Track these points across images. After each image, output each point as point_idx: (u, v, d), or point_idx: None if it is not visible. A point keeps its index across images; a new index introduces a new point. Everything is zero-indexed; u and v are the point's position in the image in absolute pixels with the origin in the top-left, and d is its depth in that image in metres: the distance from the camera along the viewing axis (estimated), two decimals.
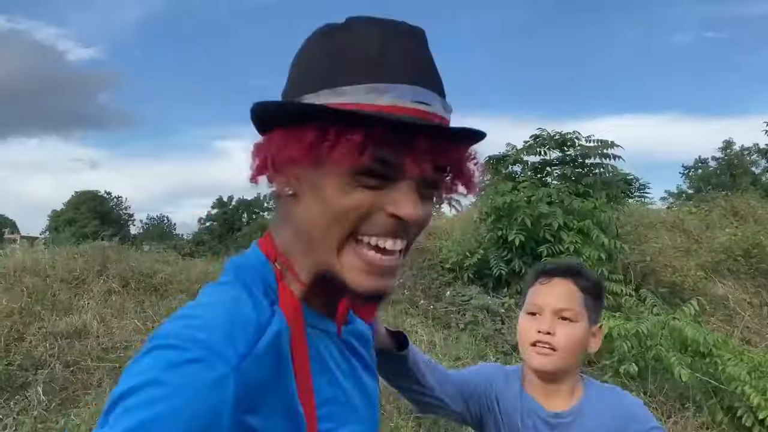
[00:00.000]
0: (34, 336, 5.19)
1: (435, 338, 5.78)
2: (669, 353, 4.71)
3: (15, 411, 4.40)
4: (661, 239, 8.73)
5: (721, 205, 10.31)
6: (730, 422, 5.01)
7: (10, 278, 6.00)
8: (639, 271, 7.24)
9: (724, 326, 7.66)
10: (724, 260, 8.53)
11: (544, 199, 6.63)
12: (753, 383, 4.96)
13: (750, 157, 31.76)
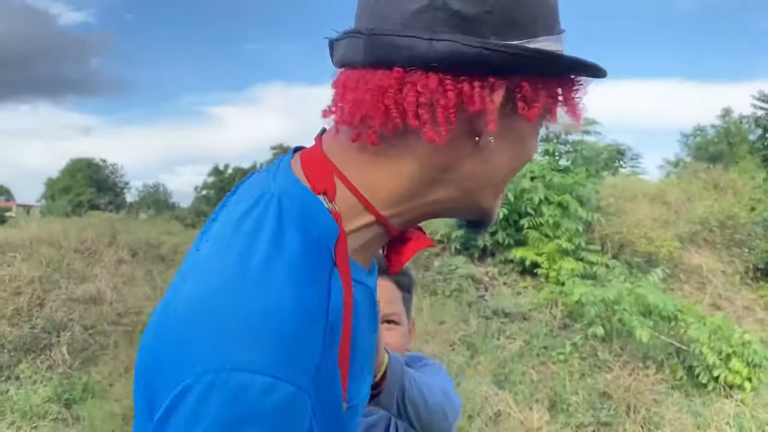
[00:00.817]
0: (53, 302, 5.65)
1: (422, 304, 6.26)
2: (632, 317, 5.19)
3: (42, 369, 4.89)
4: (642, 211, 9.19)
5: (702, 178, 10.75)
6: (688, 379, 5.53)
7: (27, 249, 6.43)
8: (616, 241, 7.72)
9: (697, 293, 8.17)
10: (700, 231, 8.99)
11: (527, 175, 7.05)
12: (711, 345, 5.47)
13: (746, 125, 31.95)
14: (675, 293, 7.90)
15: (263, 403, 0.53)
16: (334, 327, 0.61)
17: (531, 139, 0.72)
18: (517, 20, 0.65)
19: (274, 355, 0.55)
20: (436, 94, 0.63)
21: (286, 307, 0.57)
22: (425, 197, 0.70)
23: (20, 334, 5.21)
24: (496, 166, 0.70)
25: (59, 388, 4.64)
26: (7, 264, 6.16)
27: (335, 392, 0.63)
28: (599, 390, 5.15)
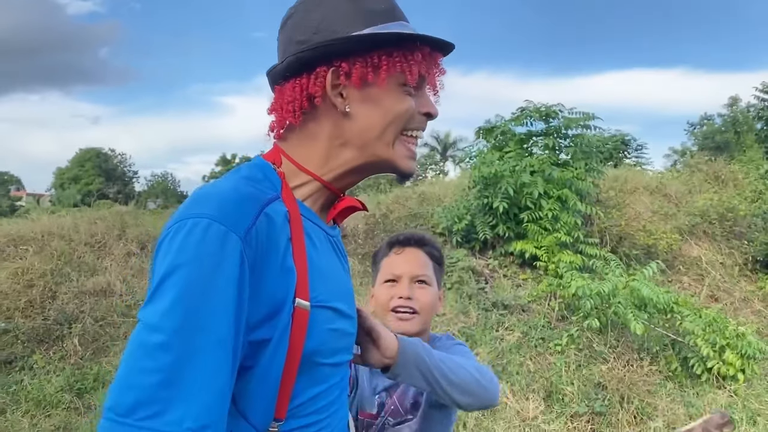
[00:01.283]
0: (65, 294, 5.83)
1: None
2: (627, 310, 5.32)
3: (55, 360, 5.07)
4: (642, 203, 9.28)
5: (703, 170, 10.80)
6: (683, 371, 5.66)
7: (39, 242, 6.61)
8: (615, 234, 7.82)
9: (695, 285, 8.28)
10: (700, 223, 9.08)
11: (527, 169, 7.15)
12: (705, 337, 5.59)
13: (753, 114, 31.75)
14: (674, 285, 8.01)
15: (209, 235, 0.84)
16: (276, 224, 0.91)
17: (386, 99, 1.00)
18: (334, 30, 0.98)
19: (212, 210, 0.86)
20: (291, 93, 1.00)
21: (226, 190, 0.92)
22: (339, 157, 1.02)
23: (33, 326, 5.40)
24: (368, 123, 1.00)
25: (71, 378, 4.82)
26: (19, 257, 6.35)
27: (287, 279, 0.90)
28: (594, 381, 5.29)
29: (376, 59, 0.97)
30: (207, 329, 0.81)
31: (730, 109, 35.01)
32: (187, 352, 0.79)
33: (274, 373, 0.90)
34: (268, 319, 0.89)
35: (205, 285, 0.81)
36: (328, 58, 0.98)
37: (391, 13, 1.01)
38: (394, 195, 9.98)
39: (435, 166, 43.28)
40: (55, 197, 62.68)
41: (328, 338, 0.97)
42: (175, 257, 0.83)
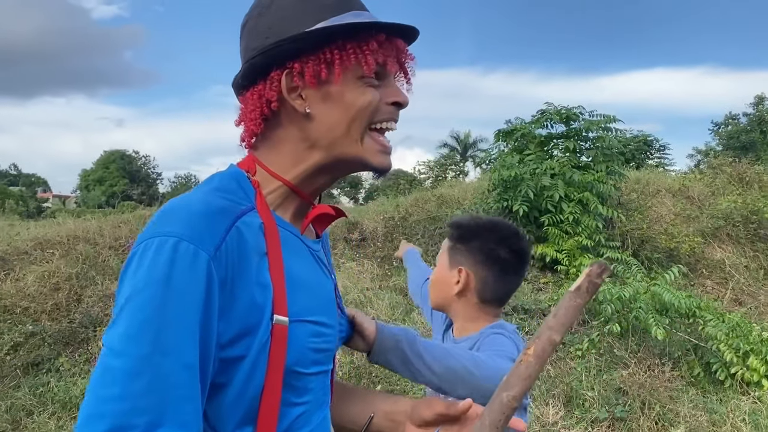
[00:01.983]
0: (90, 298, 5.94)
1: None
2: (648, 315, 5.28)
3: (80, 362, 5.17)
4: (664, 206, 9.19)
5: (727, 172, 10.66)
6: (705, 376, 5.60)
7: (64, 246, 6.74)
8: (637, 237, 7.76)
9: (719, 288, 8.18)
10: (723, 226, 8.97)
11: (547, 172, 7.14)
12: (728, 342, 5.52)
13: None
14: (696, 289, 7.93)
15: (177, 254, 0.81)
16: (249, 237, 0.89)
17: (346, 94, 0.97)
18: (286, 30, 0.95)
19: (180, 227, 0.83)
20: (251, 101, 0.99)
21: (195, 204, 0.88)
22: (308, 160, 1.00)
23: (59, 329, 5.51)
24: (331, 122, 0.97)
25: None
26: (46, 260, 6.48)
27: (262, 294, 0.89)
28: (615, 386, 5.25)
29: (328, 55, 0.95)
30: (175, 353, 0.79)
31: (756, 108, 34.41)
32: (156, 377, 0.78)
33: (251, 391, 0.89)
34: (242, 336, 0.87)
35: (173, 307, 0.80)
36: (280, 61, 0.96)
37: (343, 4, 0.98)
38: (414, 198, 10.00)
39: (455, 167, 43.16)
40: (80, 199, 63.75)
41: (307, 351, 0.95)
42: (143, 278, 0.81)
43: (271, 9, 0.98)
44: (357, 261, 7.34)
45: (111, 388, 0.77)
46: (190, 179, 72.42)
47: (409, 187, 18.92)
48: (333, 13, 0.96)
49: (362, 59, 0.95)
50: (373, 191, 31.91)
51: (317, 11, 0.96)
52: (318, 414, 1.02)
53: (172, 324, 0.80)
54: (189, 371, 0.80)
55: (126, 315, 0.80)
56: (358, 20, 0.95)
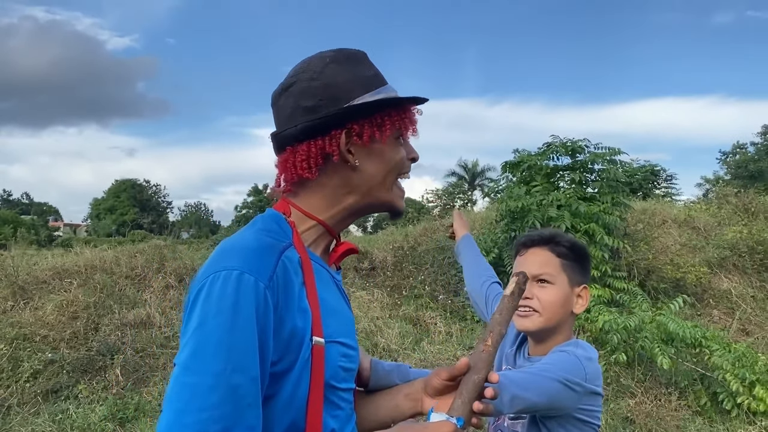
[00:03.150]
0: (107, 326, 6.09)
1: (452, 330, 6.53)
2: (653, 344, 5.37)
3: (98, 389, 5.30)
4: (670, 236, 9.30)
5: (732, 202, 10.77)
6: (712, 405, 5.66)
7: (82, 275, 6.92)
8: (643, 267, 7.86)
9: (725, 318, 8.24)
10: (729, 256, 9.06)
11: (554, 203, 7.27)
12: (734, 372, 5.59)
13: None
14: (703, 318, 7.99)
15: (241, 285, 0.98)
16: (291, 269, 1.07)
17: (389, 152, 1.21)
18: (338, 97, 1.16)
19: (240, 262, 1.01)
20: (306, 152, 1.16)
21: (249, 242, 1.08)
22: (344, 203, 1.21)
23: (78, 357, 5.65)
24: (372, 173, 1.20)
25: (114, 407, 5.03)
26: (64, 290, 6.65)
27: (303, 318, 1.06)
28: (622, 415, 5.32)
29: (379, 120, 1.18)
30: (244, 369, 0.95)
31: (763, 137, 34.44)
32: (229, 390, 0.93)
33: (297, 402, 1.05)
34: (288, 353, 1.03)
35: (241, 329, 0.95)
36: (341, 123, 1.16)
37: (379, 78, 1.22)
38: (422, 227, 10.15)
39: (463, 195, 43.33)
40: (90, 227, 64.24)
41: (338, 369, 1.12)
42: (214, 305, 0.96)
43: (324, 75, 1.18)
44: (367, 290, 7.47)
45: (189, 402, 0.92)
46: (200, 208, 72.95)
47: (417, 216, 19.06)
48: (376, 86, 1.20)
49: (403, 125, 1.21)
50: (382, 220, 32.01)
51: (363, 84, 1.19)
52: (348, 426, 1.17)
53: (241, 343, 0.96)
54: (254, 383, 0.97)
55: (199, 337, 0.95)
56: (400, 95, 1.21)
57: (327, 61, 1.20)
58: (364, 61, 1.23)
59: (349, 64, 1.20)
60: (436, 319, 6.66)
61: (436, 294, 7.29)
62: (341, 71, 1.19)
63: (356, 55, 1.24)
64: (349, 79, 1.18)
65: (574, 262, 1.63)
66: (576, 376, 1.46)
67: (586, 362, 1.52)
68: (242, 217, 57.83)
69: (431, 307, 6.94)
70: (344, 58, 1.21)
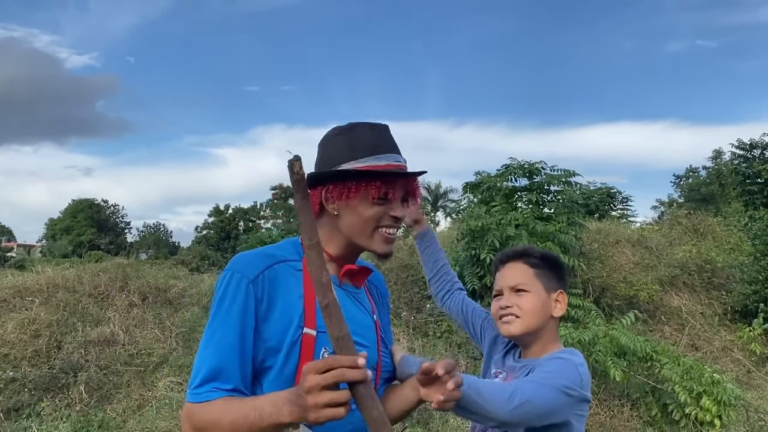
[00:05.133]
0: (70, 344, 6.07)
1: (414, 345, 6.68)
2: (606, 358, 5.61)
3: (61, 407, 5.28)
4: (624, 255, 9.66)
5: (683, 223, 11.24)
6: (662, 416, 5.92)
7: (44, 293, 6.87)
8: (598, 285, 8.17)
9: (676, 334, 8.59)
10: (680, 275, 9.45)
11: (512, 223, 7.53)
12: (683, 383, 5.87)
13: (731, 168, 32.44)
14: (655, 334, 8.31)
15: (230, 281, 1.40)
16: (286, 274, 1.45)
17: (360, 206, 1.48)
18: (328, 161, 1.52)
19: (237, 265, 1.43)
20: (313, 196, 1.51)
21: (252, 252, 1.50)
22: (338, 241, 1.53)
23: (40, 374, 5.62)
24: (350, 223, 1.50)
25: (78, 424, 5.03)
26: (26, 308, 6.60)
27: (294, 311, 1.41)
28: None
29: (350, 184, 1.47)
30: (223, 325, 1.38)
31: (714, 162, 35.69)
32: (210, 337, 1.38)
33: (286, 373, 1.39)
34: (279, 335, 1.39)
35: (225, 310, 1.38)
36: (323, 182, 1.51)
37: (375, 148, 1.50)
38: None
39: (426, 216, 43.67)
40: (46, 248, 62.57)
41: None
42: (216, 296, 1.41)
43: (327, 142, 1.57)
44: None
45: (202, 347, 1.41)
46: (159, 228, 71.73)
47: None
48: (365, 155, 1.49)
49: (368, 192, 1.47)
50: None
51: (352, 153, 1.49)
52: None
53: (227, 312, 1.38)
54: (229, 330, 1.37)
55: (211, 311, 1.42)
56: (363, 166, 1.48)
57: (336, 132, 1.56)
58: (366, 133, 1.53)
59: (349, 135, 1.52)
60: (400, 335, 6.81)
61: (399, 311, 7.45)
62: (339, 141, 1.53)
63: (362, 127, 1.54)
64: (340, 150, 1.51)
65: (548, 270, 1.77)
66: (573, 383, 1.58)
67: (582, 369, 1.63)
68: (202, 237, 57.14)
69: (394, 323, 7.08)
70: (349, 130, 1.54)
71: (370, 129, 1.54)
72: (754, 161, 22.73)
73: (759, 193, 21.37)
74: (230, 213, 58.49)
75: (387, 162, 1.50)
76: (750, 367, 7.94)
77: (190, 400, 1.37)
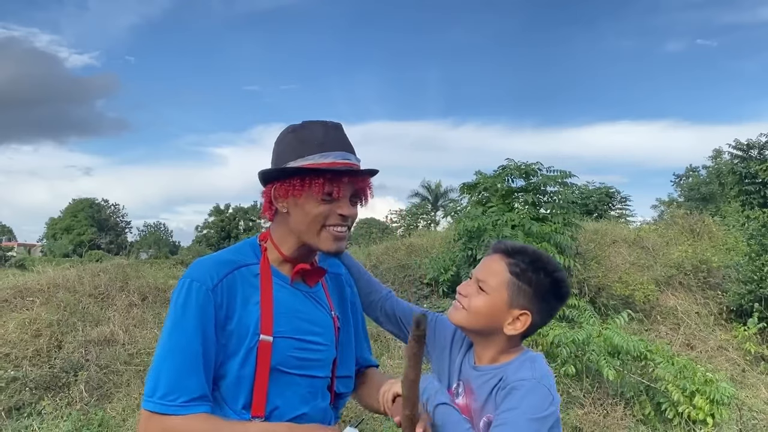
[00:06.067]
0: (71, 344, 6.14)
1: None
2: (600, 357, 5.68)
3: (62, 405, 5.35)
4: (620, 255, 9.72)
5: (679, 223, 11.30)
6: (656, 415, 5.98)
7: (45, 294, 6.95)
8: (594, 285, 8.23)
9: (672, 333, 8.65)
10: (675, 275, 9.52)
11: (508, 223, 7.60)
12: (676, 383, 5.93)
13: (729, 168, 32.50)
14: (651, 334, 8.37)
15: (188, 289, 1.42)
16: (245, 280, 1.48)
17: (307, 205, 1.49)
18: (279, 159, 1.53)
19: (194, 272, 1.46)
20: (264, 195, 1.56)
21: (211, 258, 1.52)
22: (290, 241, 1.55)
23: (41, 374, 5.69)
24: (298, 221, 1.51)
25: (78, 423, 5.10)
26: (26, 308, 6.67)
27: (251, 316, 1.45)
28: (572, 425, 5.60)
29: (295, 181, 1.48)
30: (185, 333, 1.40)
31: (714, 161, 35.72)
32: (172, 345, 1.40)
33: (245, 377, 1.43)
34: (236, 340, 1.44)
35: (188, 313, 1.40)
36: (271, 180, 1.53)
37: (323, 145, 1.50)
38: (384, 246, 10.39)
39: (426, 216, 43.79)
40: (46, 248, 62.67)
41: (290, 358, 1.49)
42: (173, 303, 1.43)
43: (279, 141, 1.58)
44: None
45: (157, 363, 1.41)
46: (160, 228, 71.82)
47: (381, 236, 19.27)
48: (312, 152, 1.49)
49: (312, 190, 1.48)
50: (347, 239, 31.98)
51: (300, 150, 1.50)
52: (306, 406, 1.52)
53: (186, 327, 1.40)
54: (195, 356, 1.40)
55: (166, 323, 1.44)
56: (308, 164, 1.49)
57: (289, 130, 1.56)
58: (316, 131, 1.52)
59: (300, 133, 1.53)
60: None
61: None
62: (289, 139, 1.54)
63: (314, 125, 1.54)
64: (290, 147, 1.52)
65: (527, 286, 1.52)
66: (548, 407, 1.42)
67: (551, 386, 1.47)
68: (203, 237, 57.22)
69: None
70: (300, 128, 1.54)
71: (321, 127, 1.53)
72: (751, 161, 22.77)
73: (756, 193, 21.44)
74: (230, 212, 58.59)
75: (333, 159, 1.49)
76: (744, 366, 8.00)
77: (156, 410, 1.37)
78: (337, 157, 1.49)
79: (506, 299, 1.52)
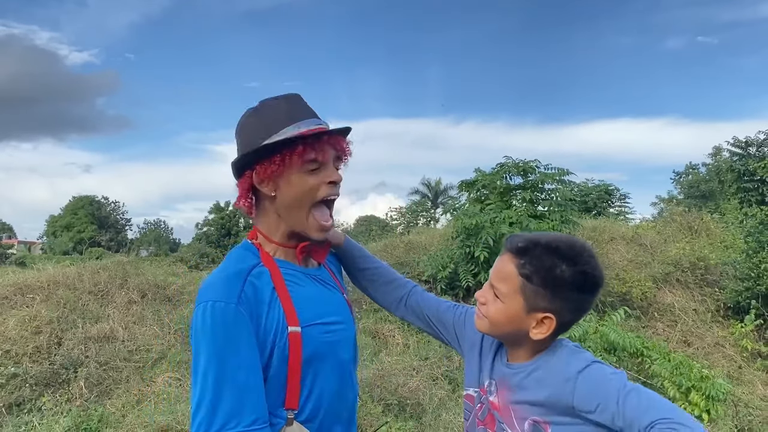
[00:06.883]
0: (70, 340, 6.17)
1: (409, 341, 6.79)
2: (596, 354, 5.72)
3: (62, 402, 5.39)
4: (618, 253, 9.76)
5: (677, 221, 11.33)
6: None
7: (45, 291, 6.98)
8: None
9: (669, 330, 8.69)
10: (673, 272, 9.55)
11: (506, 221, 7.64)
12: (672, 379, 5.98)
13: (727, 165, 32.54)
14: (648, 331, 8.41)
15: (215, 310, 1.35)
16: (260, 283, 1.43)
17: (294, 178, 1.46)
18: (248, 143, 1.49)
19: (213, 293, 1.38)
20: (240, 188, 1.53)
21: (218, 277, 1.44)
22: (281, 228, 1.52)
23: (41, 370, 5.73)
24: (285, 201, 1.49)
25: (78, 419, 5.13)
26: (26, 305, 6.70)
27: (277, 316, 1.41)
28: None
29: (275, 158, 1.45)
30: (232, 357, 1.34)
31: (713, 159, 35.75)
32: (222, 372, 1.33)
33: (279, 373, 1.41)
34: (271, 343, 1.40)
35: (228, 335, 1.34)
36: (250, 165, 1.49)
37: (289, 118, 1.48)
38: (383, 244, 10.42)
39: (426, 213, 43.84)
40: (46, 245, 62.70)
41: (322, 344, 1.47)
42: (200, 331, 1.36)
43: (241, 127, 1.54)
44: None
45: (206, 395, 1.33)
46: (160, 225, 71.85)
47: (381, 233, 19.31)
48: (281, 127, 1.46)
49: (296, 161, 1.45)
50: None
51: (270, 129, 1.47)
52: (334, 385, 1.51)
53: (225, 350, 1.34)
54: (249, 371, 1.35)
55: (199, 352, 1.37)
56: (286, 136, 1.45)
57: (248, 115, 1.53)
58: (279, 106, 1.50)
59: (263, 112, 1.51)
60: (395, 332, 6.92)
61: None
62: (253, 122, 1.51)
63: (273, 101, 1.52)
64: (257, 129, 1.48)
65: (542, 288, 1.38)
66: (613, 371, 1.38)
67: (596, 359, 1.42)
68: (203, 234, 57.23)
69: (390, 320, 7.19)
70: (261, 107, 1.52)
71: (282, 101, 1.51)
72: (750, 159, 22.80)
73: (754, 190, 21.47)
74: (231, 210, 58.56)
75: (308, 127, 1.47)
76: (741, 362, 8.04)
77: None
78: (310, 124, 1.48)
79: (523, 305, 1.40)
